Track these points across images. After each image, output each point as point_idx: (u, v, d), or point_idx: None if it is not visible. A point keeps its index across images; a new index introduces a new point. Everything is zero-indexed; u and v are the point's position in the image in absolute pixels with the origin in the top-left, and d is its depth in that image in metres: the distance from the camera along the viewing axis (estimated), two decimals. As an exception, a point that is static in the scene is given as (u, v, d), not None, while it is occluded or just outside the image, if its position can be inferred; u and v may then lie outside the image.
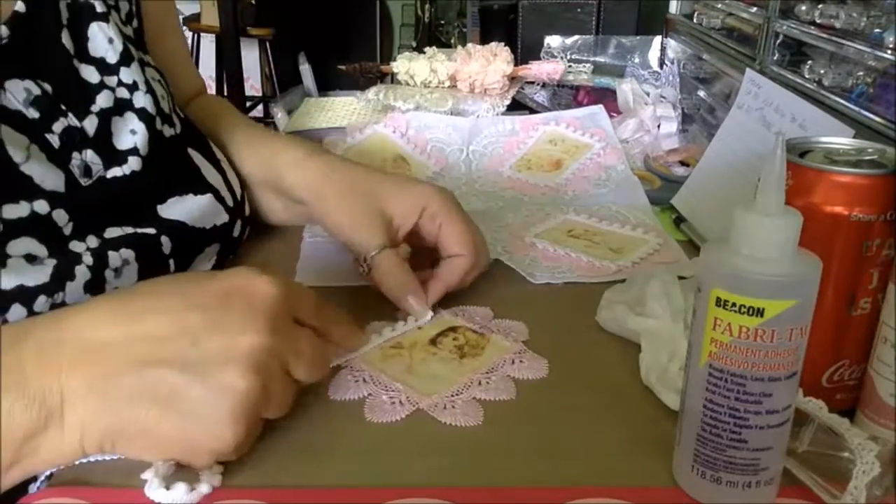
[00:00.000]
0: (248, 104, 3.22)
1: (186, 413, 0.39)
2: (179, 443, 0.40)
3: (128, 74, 0.54)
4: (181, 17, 3.43)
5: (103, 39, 0.54)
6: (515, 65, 1.06)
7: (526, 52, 1.23)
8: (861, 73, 0.63)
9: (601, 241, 0.70)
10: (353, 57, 1.26)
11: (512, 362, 0.51)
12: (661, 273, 0.55)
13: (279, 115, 1.02)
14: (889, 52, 0.59)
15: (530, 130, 0.91)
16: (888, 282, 0.42)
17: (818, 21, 0.69)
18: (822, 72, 0.68)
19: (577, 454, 0.44)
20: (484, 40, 1.21)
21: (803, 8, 0.71)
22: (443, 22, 2.92)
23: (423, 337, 0.54)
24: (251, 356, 0.40)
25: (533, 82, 1.09)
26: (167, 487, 0.39)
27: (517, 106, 1.03)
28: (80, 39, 0.53)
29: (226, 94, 3.10)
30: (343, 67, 1.16)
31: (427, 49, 1.09)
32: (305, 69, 1.12)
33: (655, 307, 0.52)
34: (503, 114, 0.97)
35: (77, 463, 0.41)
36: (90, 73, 0.53)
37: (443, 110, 0.96)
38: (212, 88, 3.31)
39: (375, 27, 4.05)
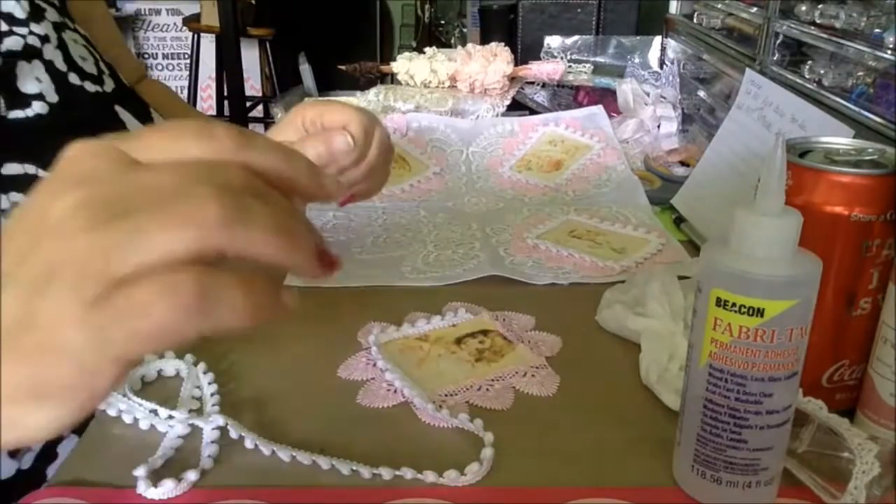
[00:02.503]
0: (248, 104, 3.22)
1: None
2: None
3: (39, 28, 0.56)
4: (181, 17, 3.44)
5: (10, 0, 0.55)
6: (515, 65, 1.06)
7: (526, 52, 1.23)
8: (861, 73, 0.63)
9: (603, 241, 0.70)
10: (353, 57, 1.26)
11: (524, 375, 0.51)
12: (661, 273, 0.55)
13: (279, 115, 1.01)
14: (889, 52, 0.59)
15: (530, 131, 0.91)
16: (888, 282, 0.42)
17: (818, 21, 0.69)
18: (822, 72, 0.68)
19: (578, 454, 0.44)
20: (484, 40, 1.20)
21: (803, 8, 0.71)
22: (443, 22, 2.92)
23: (452, 335, 0.55)
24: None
25: (533, 82, 1.09)
26: (155, 485, 0.39)
27: (517, 106, 1.03)
28: None
29: (226, 94, 3.09)
30: (343, 67, 1.16)
31: (427, 49, 1.09)
32: (305, 69, 1.12)
33: (655, 307, 0.52)
34: (503, 114, 0.97)
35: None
36: None
37: (443, 110, 0.96)
38: (212, 88, 3.31)
39: (375, 27, 4.05)
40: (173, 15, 3.58)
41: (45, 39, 0.56)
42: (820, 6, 0.68)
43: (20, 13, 0.55)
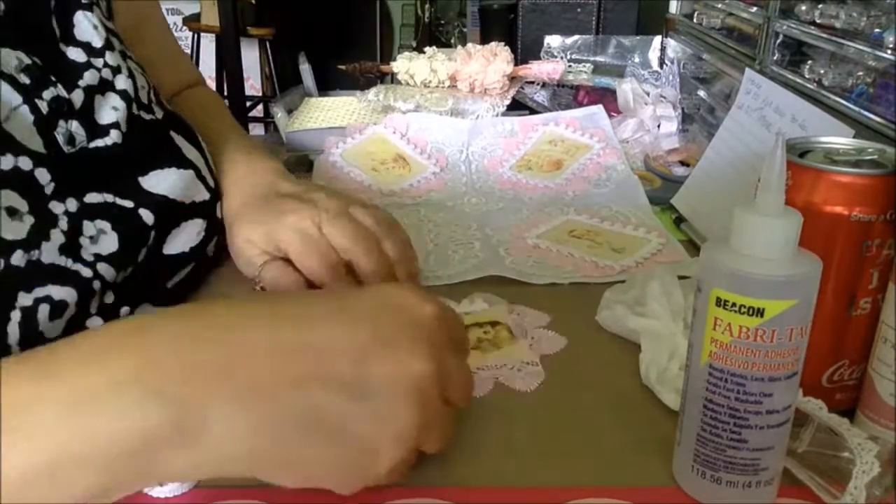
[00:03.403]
0: (248, 104, 3.22)
1: (343, 441, 0.35)
2: (329, 470, 0.36)
3: (112, 58, 0.56)
4: (181, 17, 3.44)
5: (88, 26, 0.56)
6: (515, 65, 1.06)
7: (526, 52, 1.23)
8: (861, 73, 0.63)
9: (603, 241, 0.70)
10: (353, 57, 1.26)
11: (511, 368, 0.51)
12: (661, 273, 0.55)
13: (279, 114, 1.01)
14: (889, 52, 0.59)
15: (530, 131, 0.91)
16: (888, 282, 0.42)
17: (818, 21, 0.69)
18: (822, 72, 0.68)
19: (577, 454, 0.44)
20: (484, 40, 1.20)
21: (803, 8, 0.71)
22: (443, 22, 2.92)
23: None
24: (419, 385, 0.36)
25: (533, 82, 1.09)
26: (161, 483, 0.39)
27: (517, 106, 1.03)
28: (66, 26, 0.55)
29: (225, 93, 3.09)
30: (343, 67, 1.16)
31: (427, 49, 1.09)
32: (305, 69, 1.12)
33: (655, 307, 0.52)
34: (503, 114, 0.97)
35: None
36: (77, 54, 0.54)
37: (443, 110, 0.96)
38: (212, 88, 3.31)
39: (375, 27, 4.05)
40: (173, 15, 3.58)
41: (117, 70, 0.56)
42: (820, 6, 0.68)
43: (98, 42, 0.55)
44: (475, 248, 0.69)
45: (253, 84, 3.60)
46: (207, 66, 3.29)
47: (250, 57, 3.46)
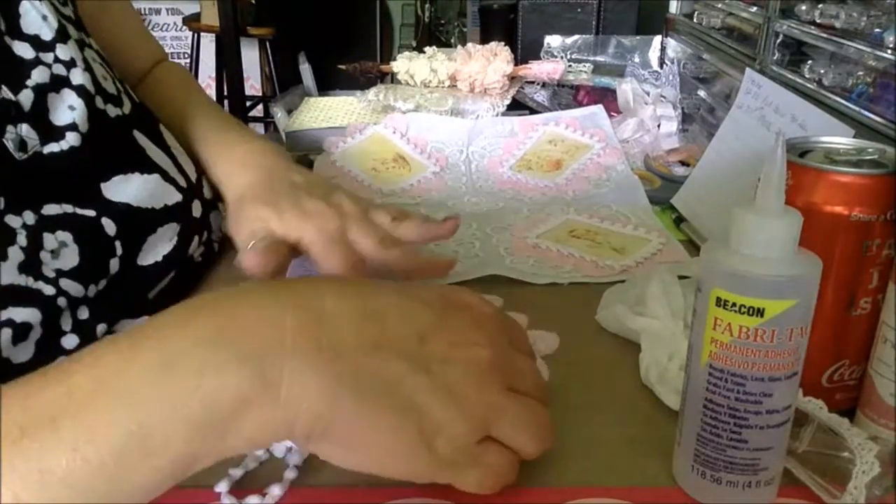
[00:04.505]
0: (248, 104, 3.22)
1: (409, 412, 0.35)
2: (393, 444, 0.36)
3: (64, 51, 0.53)
4: (181, 17, 3.44)
5: (36, 16, 0.52)
6: (515, 65, 1.06)
7: (526, 52, 1.23)
8: (861, 73, 0.63)
9: (603, 240, 0.70)
10: (353, 57, 1.26)
11: None
12: (661, 273, 0.55)
13: (279, 114, 1.01)
14: (889, 52, 0.59)
15: (529, 131, 0.91)
16: (888, 282, 0.42)
17: (818, 21, 0.69)
18: (822, 72, 0.68)
19: (577, 454, 0.44)
20: (484, 40, 1.20)
21: (803, 8, 0.71)
22: (443, 22, 2.93)
23: None
24: (479, 367, 0.37)
25: (533, 82, 1.09)
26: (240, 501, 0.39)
27: (517, 106, 1.03)
28: (12, 17, 0.51)
29: (225, 93, 3.10)
30: (343, 67, 1.16)
31: (427, 49, 1.09)
32: (305, 69, 1.12)
33: (655, 307, 0.52)
34: (503, 114, 0.97)
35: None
36: (24, 50, 0.51)
37: (443, 110, 0.96)
38: (212, 88, 3.30)
39: (375, 27, 4.04)
40: (173, 14, 3.58)
41: (71, 64, 0.52)
42: (820, 6, 0.68)
43: (48, 34, 0.52)
44: (475, 247, 0.69)
45: (253, 84, 3.60)
46: (207, 66, 3.29)
47: (250, 57, 3.46)
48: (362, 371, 0.35)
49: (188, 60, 3.34)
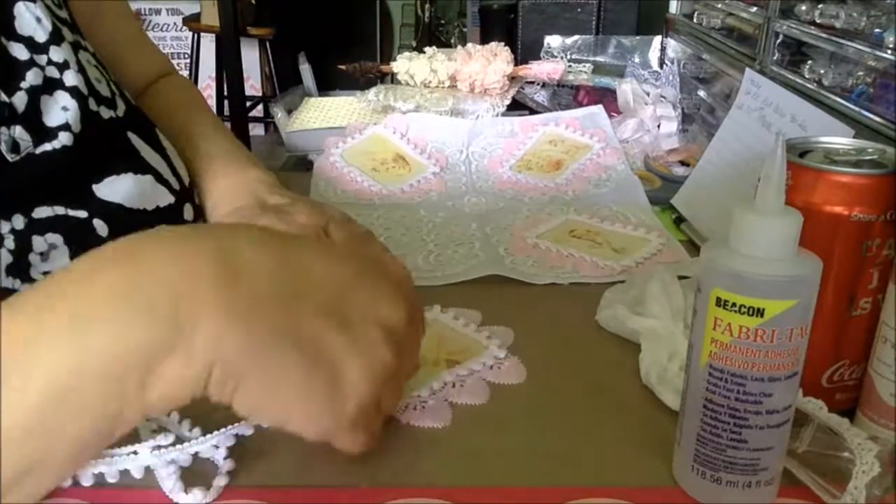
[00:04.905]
0: (248, 104, 3.22)
1: (319, 366, 0.35)
2: (303, 399, 0.36)
3: (58, 53, 0.52)
4: (181, 17, 3.44)
5: (31, 18, 0.52)
6: (515, 65, 1.06)
7: (526, 52, 1.23)
8: (861, 73, 0.63)
9: (603, 241, 0.70)
10: (353, 57, 1.26)
11: (490, 367, 0.51)
12: (661, 273, 0.55)
13: (279, 115, 1.01)
14: (889, 52, 0.59)
15: (529, 131, 0.91)
16: (888, 282, 0.42)
17: (818, 21, 0.69)
18: (822, 72, 0.68)
19: (577, 454, 0.44)
20: (484, 40, 1.20)
21: (803, 8, 0.71)
22: (443, 22, 2.93)
23: None
24: (393, 329, 0.38)
25: (533, 82, 1.09)
26: (185, 491, 0.39)
27: (517, 106, 1.03)
28: (6, 18, 0.51)
29: (225, 93, 3.09)
30: (343, 67, 1.16)
31: (427, 49, 1.09)
32: (305, 69, 1.12)
33: (655, 307, 0.52)
34: (503, 114, 0.97)
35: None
36: (19, 51, 0.51)
37: (443, 110, 0.96)
38: (212, 88, 3.31)
39: (375, 27, 4.05)
40: (173, 14, 3.59)
41: (64, 66, 0.52)
42: (820, 6, 0.68)
43: (42, 36, 0.52)
44: (475, 247, 0.69)
45: (253, 84, 3.61)
46: (207, 66, 3.29)
47: (250, 57, 3.46)
48: (279, 325, 0.35)
49: (188, 60, 3.34)
